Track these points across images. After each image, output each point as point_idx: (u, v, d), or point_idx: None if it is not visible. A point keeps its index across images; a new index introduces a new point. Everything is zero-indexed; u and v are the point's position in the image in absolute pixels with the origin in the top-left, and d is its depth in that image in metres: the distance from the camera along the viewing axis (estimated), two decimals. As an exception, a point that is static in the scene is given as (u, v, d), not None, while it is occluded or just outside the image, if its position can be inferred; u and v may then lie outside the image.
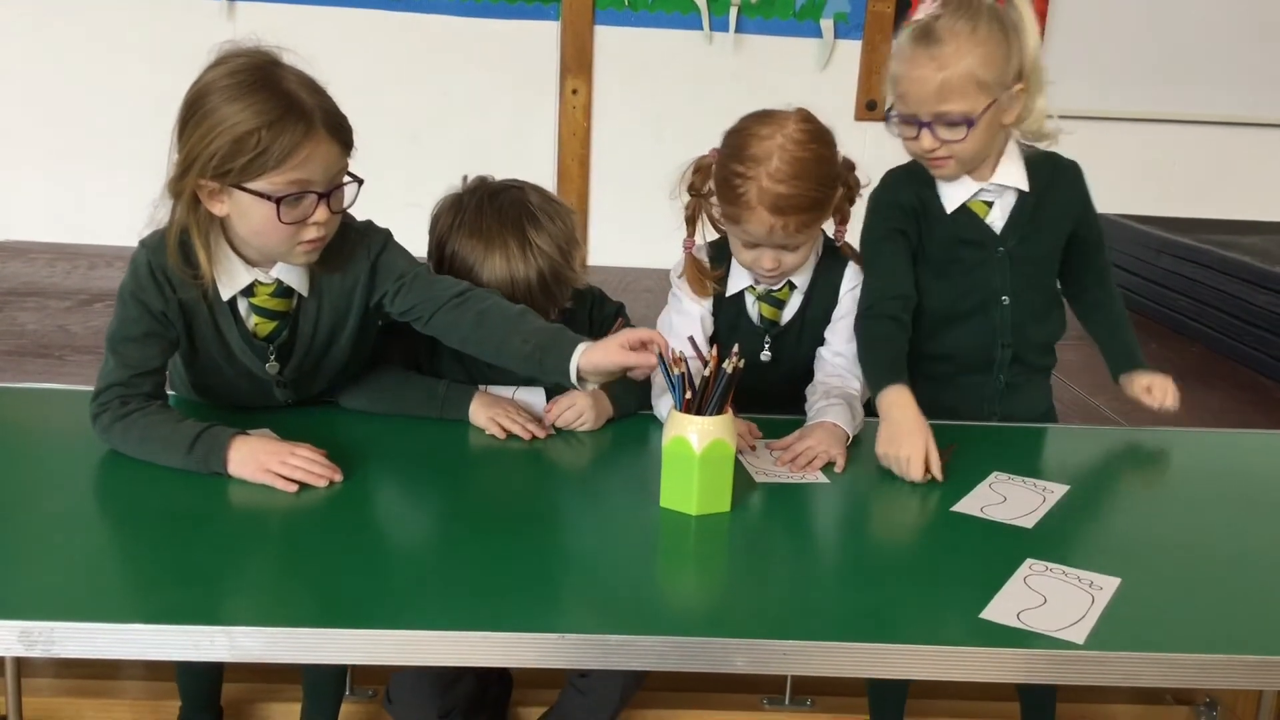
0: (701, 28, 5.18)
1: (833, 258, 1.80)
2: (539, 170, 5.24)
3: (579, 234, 1.73)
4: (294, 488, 1.39)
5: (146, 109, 5.18)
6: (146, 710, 1.95)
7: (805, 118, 1.66)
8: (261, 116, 1.38)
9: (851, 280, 1.81)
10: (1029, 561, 1.29)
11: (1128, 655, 1.12)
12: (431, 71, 5.20)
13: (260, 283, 1.55)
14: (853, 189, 1.74)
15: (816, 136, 1.65)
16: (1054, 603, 1.19)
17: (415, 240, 1.74)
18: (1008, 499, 1.49)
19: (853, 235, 1.82)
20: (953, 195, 1.76)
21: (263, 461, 1.41)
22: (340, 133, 1.44)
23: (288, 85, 1.42)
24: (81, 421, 1.61)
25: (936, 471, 1.53)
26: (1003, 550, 1.33)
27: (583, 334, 1.80)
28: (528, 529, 1.36)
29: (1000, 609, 1.18)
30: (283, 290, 1.56)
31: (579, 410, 1.67)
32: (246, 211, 1.43)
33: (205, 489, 1.41)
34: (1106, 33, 5.25)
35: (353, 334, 1.64)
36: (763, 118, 1.68)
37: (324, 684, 1.85)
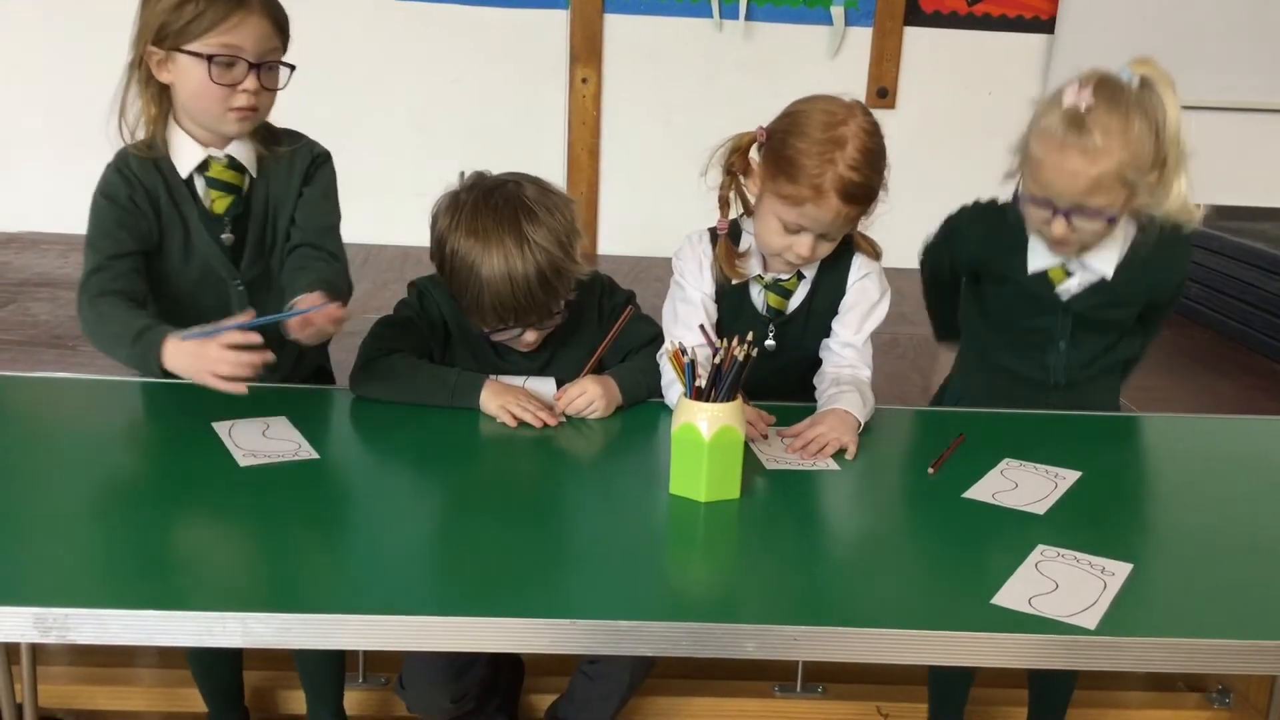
0: (711, 15, 5.16)
1: (840, 249, 1.79)
2: (549, 159, 5.24)
3: (579, 224, 1.73)
4: (240, 388, 1.45)
5: (157, 100, 5.20)
6: (160, 697, 1.96)
7: (865, 108, 1.67)
8: None
9: (859, 270, 1.81)
10: (1040, 547, 1.29)
11: (1140, 640, 1.12)
12: (440, 61, 5.20)
13: (213, 158, 1.69)
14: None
15: (878, 127, 1.65)
16: (1066, 588, 1.19)
17: (424, 231, 1.74)
18: (1019, 485, 1.49)
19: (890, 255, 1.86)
20: (1040, 257, 1.75)
21: (198, 365, 1.46)
22: (273, 12, 1.61)
23: None
24: (95, 410, 1.62)
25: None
26: (1014, 536, 1.33)
27: (592, 323, 1.81)
28: (538, 516, 1.37)
29: (1012, 594, 1.17)
30: (235, 165, 1.70)
31: (589, 398, 1.67)
32: (185, 74, 1.60)
33: (218, 476, 1.41)
34: (1119, 20, 5.21)
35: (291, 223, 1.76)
36: (827, 101, 1.66)
37: (319, 672, 1.86)
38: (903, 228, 1.92)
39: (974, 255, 1.83)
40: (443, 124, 5.23)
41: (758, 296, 1.82)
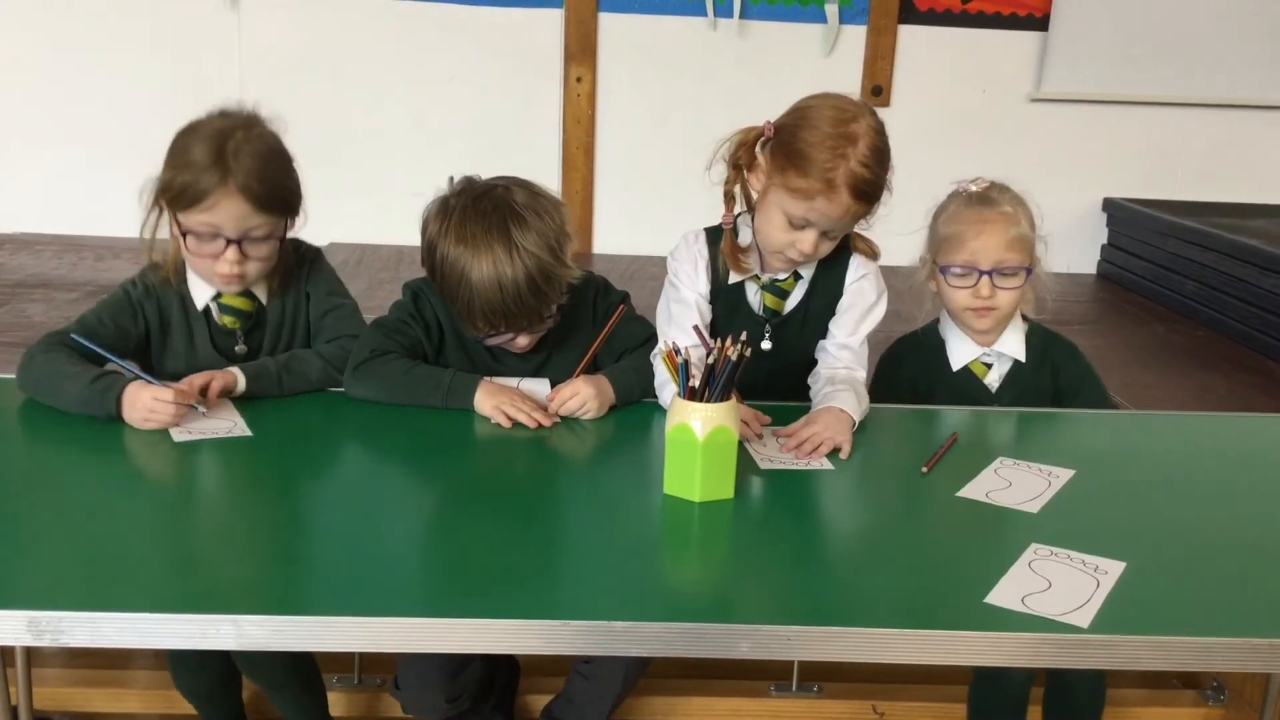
0: (706, 14, 5.16)
1: (838, 249, 1.79)
2: (544, 158, 5.24)
3: (570, 227, 1.72)
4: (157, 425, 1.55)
5: (152, 98, 5.19)
6: (156, 700, 1.96)
7: (873, 109, 1.69)
8: (191, 166, 1.62)
9: (857, 271, 1.81)
10: (1034, 546, 1.29)
11: (1132, 639, 1.12)
12: (436, 60, 5.20)
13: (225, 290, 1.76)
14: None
15: (885, 129, 1.67)
16: (1059, 587, 1.19)
17: (419, 231, 1.74)
18: (1013, 484, 1.49)
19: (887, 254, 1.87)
20: (959, 355, 1.92)
21: (132, 414, 1.56)
22: (256, 195, 1.64)
23: (228, 145, 1.63)
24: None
25: None
26: (1008, 535, 1.33)
27: (586, 324, 1.81)
28: (532, 517, 1.36)
29: (1005, 593, 1.18)
30: (247, 293, 1.77)
31: (582, 399, 1.67)
32: (178, 233, 1.68)
33: (211, 477, 1.41)
34: (1112, 17, 5.22)
35: (306, 335, 1.84)
36: (836, 98, 1.69)
37: (285, 690, 1.82)
38: (897, 225, 1.91)
39: (915, 372, 1.94)
40: (438, 123, 5.23)
41: (754, 297, 1.82)
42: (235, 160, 1.62)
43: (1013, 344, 1.90)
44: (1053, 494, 1.46)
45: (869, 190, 1.63)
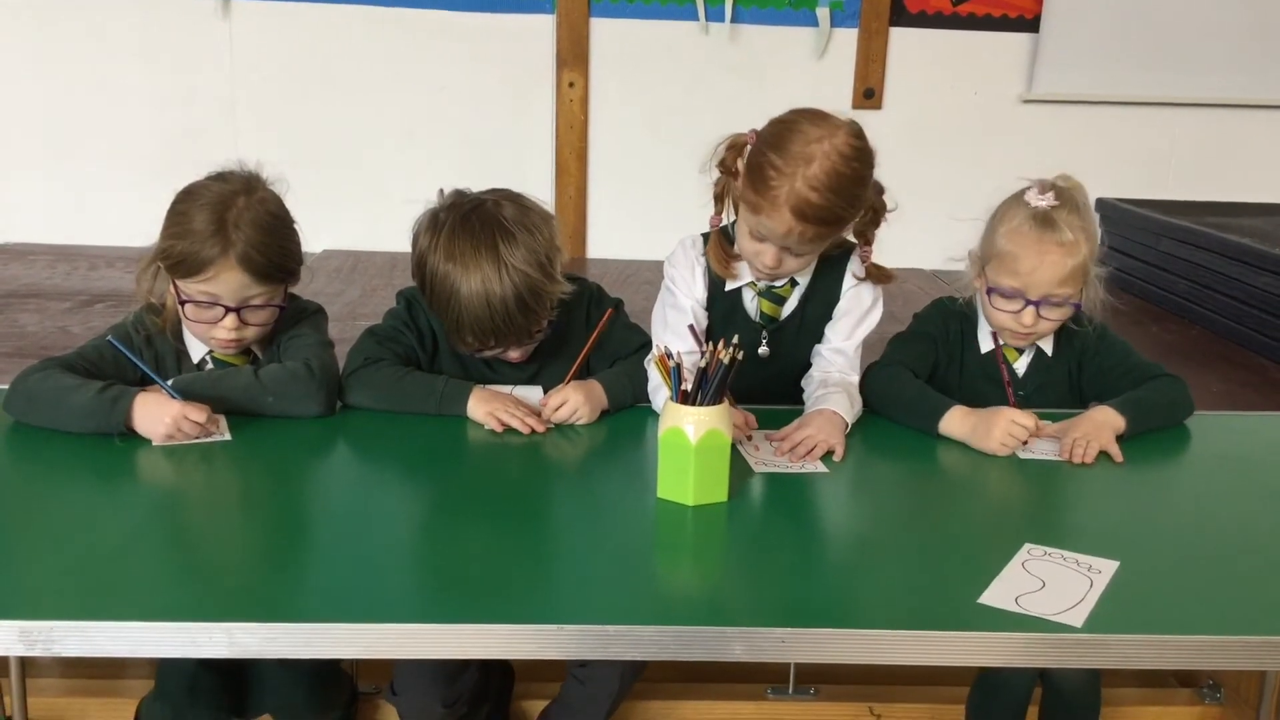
0: (697, 18, 5.17)
1: (835, 255, 1.79)
2: (536, 164, 5.24)
3: (559, 240, 1.72)
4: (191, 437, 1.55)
5: (144, 109, 5.19)
6: (152, 709, 1.95)
7: (857, 133, 1.62)
8: (191, 235, 1.61)
9: (854, 278, 1.81)
10: (1027, 546, 1.29)
11: (1126, 638, 1.12)
12: (427, 66, 5.20)
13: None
14: (879, 213, 1.73)
15: (861, 155, 1.61)
16: (1052, 587, 1.19)
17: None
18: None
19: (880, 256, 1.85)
20: (988, 339, 1.87)
21: (155, 428, 1.54)
22: (254, 266, 1.63)
23: (229, 214, 1.62)
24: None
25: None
26: (1001, 535, 1.33)
27: (579, 333, 1.81)
28: (526, 521, 1.37)
29: (998, 594, 1.18)
30: (243, 349, 1.75)
31: (572, 405, 1.67)
32: (176, 299, 1.67)
33: (203, 485, 1.41)
34: (1103, 18, 5.23)
35: None
36: (815, 117, 1.62)
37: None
38: (889, 227, 1.92)
39: (952, 333, 1.89)
40: (431, 130, 5.23)
41: (751, 303, 1.82)
42: (236, 230, 1.61)
43: (1044, 339, 1.86)
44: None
45: (811, 214, 1.58)
